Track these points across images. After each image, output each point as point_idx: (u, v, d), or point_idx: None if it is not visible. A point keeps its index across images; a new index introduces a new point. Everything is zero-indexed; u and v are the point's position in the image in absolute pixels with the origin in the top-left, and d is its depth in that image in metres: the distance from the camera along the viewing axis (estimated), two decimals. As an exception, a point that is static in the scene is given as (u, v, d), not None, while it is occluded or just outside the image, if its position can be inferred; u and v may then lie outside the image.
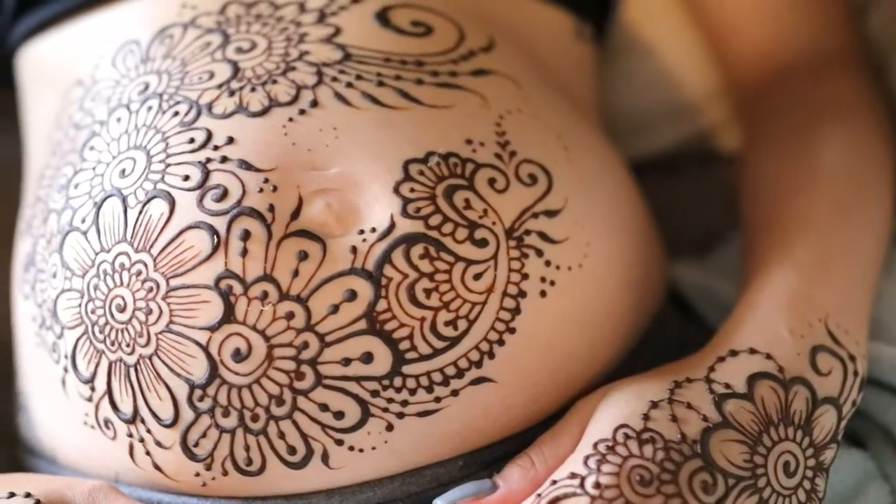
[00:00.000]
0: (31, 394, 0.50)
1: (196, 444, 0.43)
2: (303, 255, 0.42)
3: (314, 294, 0.42)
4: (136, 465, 0.44)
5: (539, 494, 0.41)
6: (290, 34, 0.47)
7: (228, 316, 0.42)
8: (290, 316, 0.42)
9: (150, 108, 0.46)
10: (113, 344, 0.44)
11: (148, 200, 0.44)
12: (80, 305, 0.45)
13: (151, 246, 0.43)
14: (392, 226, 0.43)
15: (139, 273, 0.43)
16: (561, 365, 0.45)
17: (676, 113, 0.70)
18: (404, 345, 0.42)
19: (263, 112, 0.45)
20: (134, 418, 0.44)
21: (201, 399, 0.42)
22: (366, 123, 0.45)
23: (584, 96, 0.57)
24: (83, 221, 0.45)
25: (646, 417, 0.41)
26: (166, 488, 0.44)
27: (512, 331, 0.44)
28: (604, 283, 0.47)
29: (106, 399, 0.44)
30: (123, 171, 0.45)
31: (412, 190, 0.43)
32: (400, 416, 0.42)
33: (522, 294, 0.44)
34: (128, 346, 0.43)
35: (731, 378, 0.43)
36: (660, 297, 0.53)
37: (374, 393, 0.42)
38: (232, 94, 0.45)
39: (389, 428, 0.42)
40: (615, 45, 0.68)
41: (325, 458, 0.42)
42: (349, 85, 0.46)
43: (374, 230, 0.43)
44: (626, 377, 0.45)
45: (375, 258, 0.42)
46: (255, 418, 0.42)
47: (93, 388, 0.45)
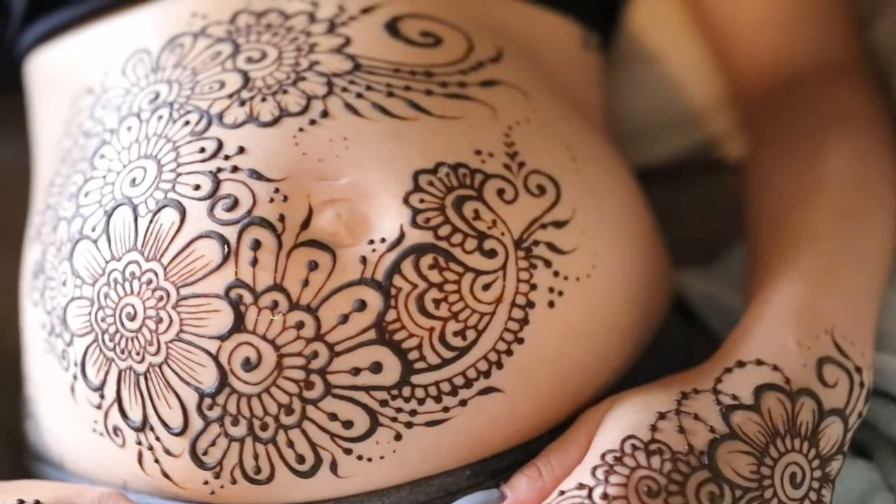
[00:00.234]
0: (39, 400, 0.51)
1: (205, 453, 0.43)
2: (313, 265, 0.42)
3: (324, 304, 0.42)
4: (144, 472, 0.45)
5: (547, 504, 0.41)
6: (301, 44, 0.48)
7: (238, 325, 0.42)
8: (299, 325, 0.42)
9: (160, 117, 0.47)
10: (123, 352, 0.44)
11: (159, 209, 0.44)
12: (90, 313, 0.45)
13: (162, 255, 0.43)
14: (402, 236, 0.43)
15: (150, 282, 0.43)
16: (568, 375, 0.45)
17: (682, 121, 0.71)
18: (413, 355, 0.42)
19: (274, 122, 0.45)
20: (143, 426, 0.44)
21: (211, 408, 0.42)
22: (376, 134, 0.45)
23: (590, 105, 0.57)
24: (94, 230, 0.45)
25: (653, 428, 0.42)
26: (174, 496, 0.45)
27: (520, 341, 0.44)
28: (611, 293, 0.47)
29: (115, 407, 0.44)
30: (134, 180, 0.45)
31: (422, 200, 0.44)
32: (408, 425, 0.43)
33: (531, 304, 0.44)
34: (138, 354, 0.43)
35: (738, 389, 0.43)
36: (666, 306, 0.54)
37: (383, 402, 0.42)
38: (242, 103, 0.46)
39: (398, 437, 0.43)
40: (621, 53, 0.68)
41: (333, 467, 0.43)
42: (359, 95, 0.46)
43: (383, 240, 0.43)
44: (633, 387, 0.45)
45: (385, 268, 0.42)
46: (264, 427, 0.42)
47: (102, 396, 0.45)
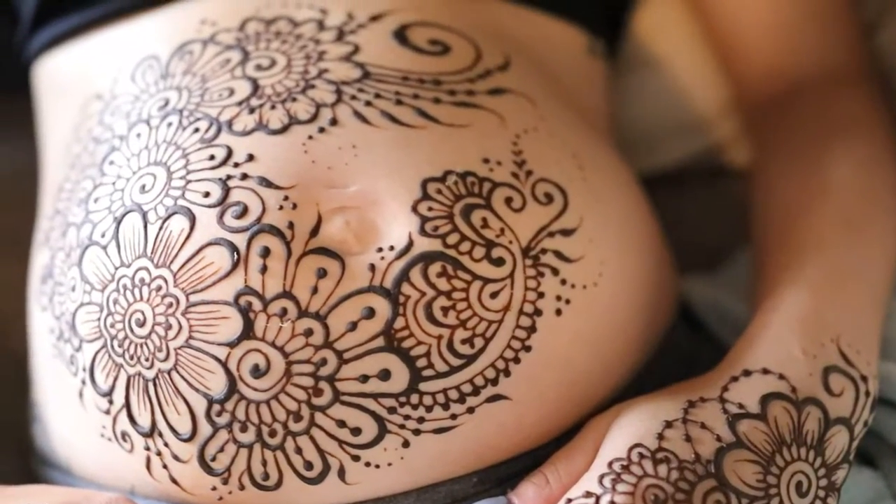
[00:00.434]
0: (47, 404, 0.51)
1: (213, 459, 0.43)
2: (322, 273, 0.42)
3: (333, 311, 0.42)
4: (152, 478, 0.45)
5: (554, 512, 0.42)
6: (310, 52, 0.48)
7: (248, 332, 0.42)
8: (308, 333, 0.42)
9: (170, 124, 0.47)
10: (132, 358, 0.44)
11: (168, 216, 0.44)
12: (99, 319, 0.45)
13: (171, 261, 0.43)
14: (410, 244, 0.43)
15: (159, 288, 0.43)
16: (576, 382, 0.46)
17: (686, 128, 0.71)
18: (421, 362, 0.42)
19: (283, 130, 0.45)
20: (152, 432, 0.44)
21: (219, 414, 0.43)
22: (384, 142, 0.45)
23: (596, 112, 0.58)
24: (103, 236, 0.46)
25: (660, 437, 0.42)
26: (182, 501, 0.45)
27: (528, 349, 0.44)
28: (618, 300, 0.47)
29: (124, 412, 0.45)
30: (143, 187, 0.46)
31: (430, 209, 0.44)
32: (416, 432, 0.43)
33: (538, 312, 0.44)
34: (147, 360, 0.44)
35: (744, 398, 0.43)
36: (671, 313, 0.54)
37: (391, 409, 0.42)
38: (252, 111, 0.46)
39: (406, 444, 0.43)
40: (626, 60, 0.69)
41: (341, 473, 0.43)
42: (368, 103, 0.46)
43: (392, 248, 0.43)
44: (640, 395, 0.46)
45: (393, 276, 0.43)
46: (272, 434, 0.42)
47: (111, 401, 0.45)
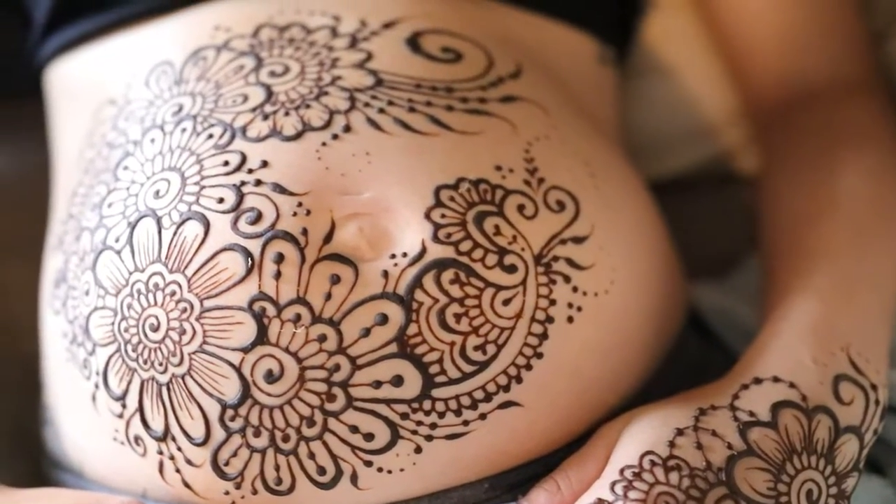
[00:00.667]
0: (59, 408, 0.51)
1: (226, 463, 0.43)
2: (335, 279, 0.43)
3: (346, 317, 0.42)
4: (165, 481, 0.45)
5: (566, 519, 0.42)
6: (323, 59, 0.48)
7: (261, 337, 0.42)
8: (322, 339, 0.42)
9: (184, 129, 0.47)
10: (146, 362, 0.44)
11: (182, 222, 0.44)
12: (113, 323, 0.45)
13: (186, 267, 0.44)
14: (423, 251, 0.43)
15: (173, 293, 0.44)
16: (587, 389, 0.46)
17: (695, 135, 0.71)
18: (434, 368, 0.43)
19: (297, 136, 0.45)
20: (165, 436, 0.44)
21: (233, 419, 0.43)
22: (397, 149, 0.45)
23: (606, 119, 0.58)
24: (117, 241, 0.46)
25: (671, 444, 0.42)
26: (194, 505, 0.45)
27: (539, 356, 0.44)
28: (629, 308, 0.48)
29: (137, 416, 0.45)
30: (158, 192, 0.46)
31: (443, 216, 0.44)
32: (428, 438, 0.43)
33: (550, 319, 0.44)
34: (160, 364, 0.44)
35: (755, 406, 0.44)
36: (680, 320, 0.54)
37: (404, 415, 0.43)
38: (266, 117, 0.46)
39: (418, 450, 0.43)
40: (635, 66, 0.69)
41: (354, 479, 0.43)
42: (381, 111, 0.46)
43: (405, 255, 0.43)
44: (650, 403, 0.46)
45: (407, 283, 0.43)
46: (285, 439, 0.43)
47: (124, 406, 0.45)
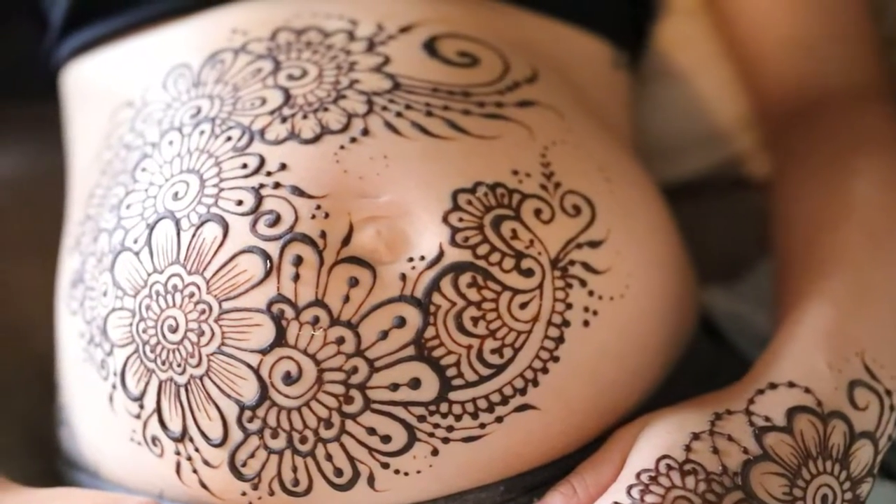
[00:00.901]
0: (75, 408, 0.51)
1: (244, 464, 0.43)
2: (353, 282, 0.43)
3: (364, 320, 0.43)
4: (182, 482, 0.45)
5: (582, 522, 0.42)
6: (341, 62, 0.48)
7: (280, 339, 0.42)
8: (340, 341, 0.42)
9: (202, 132, 0.47)
10: (164, 363, 0.44)
11: (201, 224, 0.44)
12: (131, 324, 0.45)
13: (205, 269, 0.44)
14: (441, 254, 0.44)
15: (192, 295, 0.44)
16: (602, 393, 0.46)
17: (707, 139, 0.71)
18: (451, 371, 0.43)
19: (315, 139, 0.46)
20: (182, 437, 0.44)
21: (251, 420, 0.43)
22: (415, 153, 0.46)
23: (619, 124, 0.58)
24: (135, 242, 0.46)
25: (687, 449, 0.42)
26: (211, 506, 0.45)
27: (556, 359, 0.44)
28: (644, 312, 0.48)
29: (155, 417, 0.45)
30: (176, 194, 0.46)
31: (461, 219, 0.44)
32: (445, 441, 0.43)
33: (566, 323, 0.45)
34: (179, 365, 0.44)
35: (770, 411, 0.44)
36: (693, 325, 0.54)
37: (421, 418, 0.43)
38: (284, 120, 0.46)
39: (435, 453, 0.43)
40: (648, 71, 0.69)
41: (370, 480, 0.43)
42: (399, 114, 0.46)
43: (423, 258, 0.44)
44: (666, 407, 0.46)
45: (424, 286, 0.43)
46: (303, 440, 0.43)
47: (142, 406, 0.45)
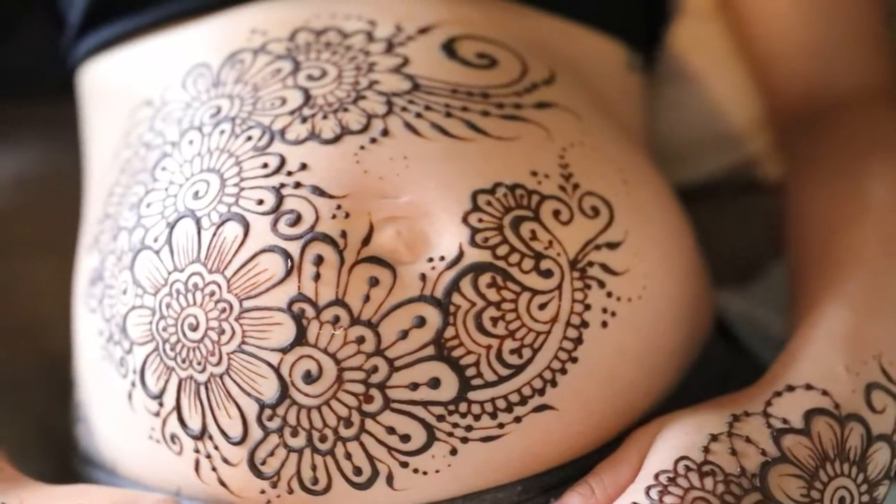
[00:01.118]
0: (92, 405, 0.51)
1: (263, 463, 0.44)
2: (374, 282, 0.43)
3: (384, 320, 0.43)
4: (200, 480, 0.45)
5: (600, 523, 0.42)
6: (360, 63, 0.48)
7: (300, 338, 0.43)
8: (360, 340, 0.43)
9: (222, 131, 0.47)
10: (184, 361, 0.45)
11: (222, 223, 0.45)
12: (151, 323, 0.46)
13: (225, 267, 0.44)
14: (461, 255, 0.44)
15: (212, 293, 0.44)
16: (619, 394, 0.46)
17: (720, 142, 0.71)
18: (471, 371, 0.43)
19: (335, 139, 0.46)
20: (202, 435, 0.45)
21: (271, 418, 0.43)
22: (435, 153, 0.46)
23: (634, 126, 0.58)
24: (156, 241, 0.46)
25: (706, 450, 0.42)
26: (229, 504, 0.45)
27: (574, 360, 0.45)
28: (661, 314, 0.48)
29: (174, 415, 0.45)
30: (197, 193, 0.46)
31: (480, 220, 0.44)
32: (464, 440, 0.43)
33: (585, 324, 0.45)
34: (199, 364, 0.44)
35: (788, 413, 0.44)
36: (708, 327, 0.54)
37: (440, 417, 0.43)
38: (304, 120, 0.47)
39: (453, 452, 0.43)
40: (661, 73, 0.69)
41: (389, 479, 0.43)
42: (418, 115, 0.47)
43: (442, 258, 0.44)
44: (682, 409, 0.46)
45: (444, 286, 0.43)
46: (323, 439, 0.43)
47: (161, 404, 0.46)
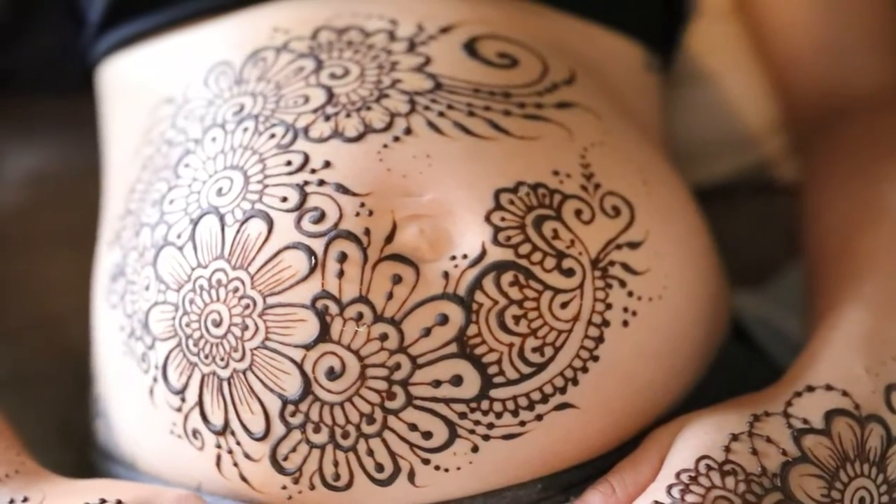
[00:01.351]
0: (112, 401, 0.52)
1: (285, 458, 0.44)
2: (397, 279, 0.43)
3: (407, 317, 0.43)
4: (221, 475, 0.46)
5: (622, 521, 0.42)
6: (382, 62, 0.49)
7: (324, 335, 0.43)
8: (383, 337, 0.43)
9: (245, 129, 0.48)
10: (207, 357, 0.45)
11: (246, 220, 0.45)
12: (174, 318, 0.46)
13: (249, 264, 0.44)
14: (483, 253, 0.44)
15: (236, 290, 0.44)
16: (639, 393, 0.46)
17: (736, 143, 0.71)
18: (493, 369, 0.43)
19: (359, 138, 0.46)
20: (224, 430, 0.45)
21: (293, 414, 0.43)
22: (458, 152, 0.46)
23: (651, 127, 0.58)
24: (179, 237, 0.47)
25: (727, 449, 0.42)
26: (250, 499, 0.45)
27: (595, 359, 0.45)
28: (680, 314, 0.48)
29: (196, 410, 0.45)
30: (220, 190, 0.46)
31: (503, 219, 0.45)
32: (485, 438, 0.43)
33: (606, 323, 0.45)
34: (222, 359, 0.44)
35: (808, 413, 0.44)
36: (725, 328, 0.54)
37: (462, 415, 0.43)
38: (327, 118, 0.47)
39: (475, 449, 0.44)
40: (678, 74, 0.69)
41: (411, 476, 0.44)
42: (441, 114, 0.47)
43: (465, 257, 0.44)
44: (701, 409, 0.46)
45: (467, 284, 0.44)
46: (345, 435, 0.43)
47: (183, 400, 0.46)
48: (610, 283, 0.45)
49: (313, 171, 0.45)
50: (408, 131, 0.46)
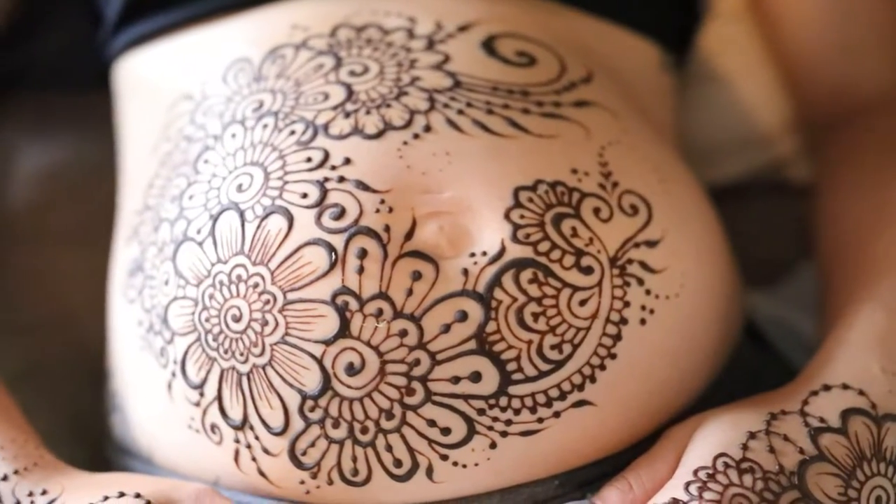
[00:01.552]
0: (129, 395, 0.52)
1: (304, 453, 0.44)
2: (416, 276, 0.44)
3: (427, 313, 0.43)
4: (239, 470, 0.46)
5: (640, 517, 0.43)
6: (401, 60, 0.49)
7: (344, 331, 0.43)
8: (403, 333, 0.43)
9: (265, 125, 0.48)
10: (226, 352, 0.45)
11: (266, 216, 0.45)
12: (193, 314, 0.46)
13: (269, 260, 0.44)
14: (503, 250, 0.44)
15: (256, 285, 0.44)
16: (656, 391, 0.46)
17: (749, 143, 0.71)
18: (511, 366, 0.43)
19: (379, 135, 0.46)
20: (243, 425, 0.45)
21: (312, 410, 0.44)
22: (477, 150, 0.46)
23: (666, 126, 0.58)
24: (198, 232, 0.47)
25: (744, 447, 0.43)
26: (268, 494, 0.46)
27: (613, 356, 0.45)
28: (697, 312, 0.48)
29: (215, 405, 0.46)
30: (240, 186, 0.47)
31: (522, 216, 0.45)
32: (503, 434, 0.44)
33: (624, 321, 0.45)
34: (241, 354, 0.45)
35: (825, 412, 0.44)
36: (739, 327, 0.55)
37: (481, 411, 0.43)
38: (347, 115, 0.47)
39: (493, 446, 0.44)
40: (691, 74, 0.69)
41: (429, 472, 0.44)
42: (460, 112, 0.47)
43: (484, 254, 0.44)
44: (717, 407, 0.46)
45: (486, 281, 0.44)
46: (364, 430, 0.43)
47: (202, 394, 0.46)
48: (628, 281, 0.46)
49: (333, 167, 0.46)
50: (427, 129, 0.46)
